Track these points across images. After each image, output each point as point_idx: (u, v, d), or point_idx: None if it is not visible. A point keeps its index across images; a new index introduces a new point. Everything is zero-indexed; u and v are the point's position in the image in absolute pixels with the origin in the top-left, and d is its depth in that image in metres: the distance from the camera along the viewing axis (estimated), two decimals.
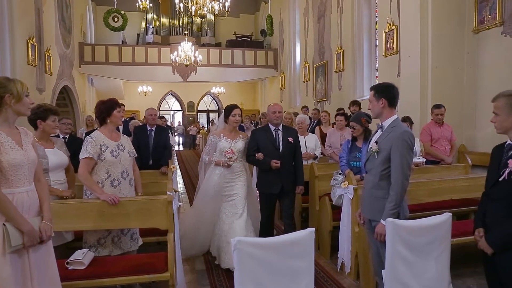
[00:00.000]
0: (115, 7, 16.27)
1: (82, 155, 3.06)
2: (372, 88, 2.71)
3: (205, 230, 4.06)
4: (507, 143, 2.14)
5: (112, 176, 3.15)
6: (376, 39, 9.50)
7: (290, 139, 3.94)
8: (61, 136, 4.58)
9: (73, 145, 4.06)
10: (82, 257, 2.77)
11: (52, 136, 3.42)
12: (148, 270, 2.87)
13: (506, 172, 2.04)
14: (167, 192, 3.16)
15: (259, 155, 3.81)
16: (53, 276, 2.15)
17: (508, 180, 2.03)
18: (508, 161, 2.04)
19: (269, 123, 4.06)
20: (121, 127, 6.45)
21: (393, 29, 7.77)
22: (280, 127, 4.00)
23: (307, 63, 13.49)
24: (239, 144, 3.99)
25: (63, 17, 12.47)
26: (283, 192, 3.93)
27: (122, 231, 3.23)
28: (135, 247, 3.32)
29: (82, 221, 2.94)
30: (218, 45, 19.96)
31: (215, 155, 3.99)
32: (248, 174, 4.19)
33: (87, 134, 4.76)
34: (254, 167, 4.92)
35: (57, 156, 3.23)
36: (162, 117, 10.51)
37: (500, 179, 2.07)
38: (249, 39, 19.88)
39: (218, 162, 3.93)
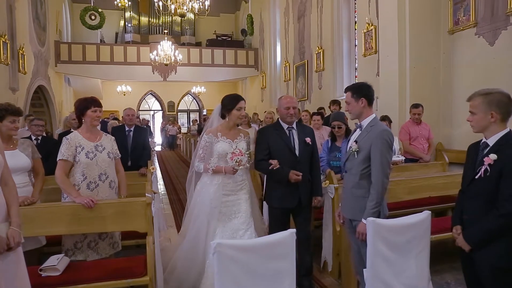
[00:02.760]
0: (92, 4, 15.93)
1: (58, 157, 3.00)
2: (348, 89, 2.68)
3: (201, 264, 3.08)
4: (482, 141, 2.17)
5: (88, 178, 3.05)
6: (355, 39, 9.62)
7: (308, 139, 3.23)
8: (33, 138, 4.43)
9: (46, 147, 3.92)
10: (56, 263, 2.66)
11: (23, 138, 3.27)
12: (126, 274, 2.78)
13: (482, 169, 2.06)
14: (146, 194, 3.08)
15: (275, 163, 3.03)
16: (23, 285, 2.05)
17: (484, 178, 2.05)
18: (484, 159, 2.06)
19: (280, 120, 3.31)
20: (99, 128, 6.29)
21: (372, 30, 7.88)
22: (295, 125, 3.27)
23: (288, 62, 13.53)
24: (242, 145, 3.17)
25: (37, 14, 12.10)
26: (300, 206, 3.23)
27: (100, 236, 3.14)
28: (112, 253, 3.23)
29: (56, 226, 2.83)
30: (198, 44, 19.83)
31: (211, 161, 3.10)
32: (250, 182, 3.36)
33: (61, 135, 4.63)
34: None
35: (15, 158, 3.01)
36: (137, 117, 10.38)
37: (476, 177, 2.10)
38: (230, 39, 19.84)
39: (219, 169, 3.04)
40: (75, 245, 3.06)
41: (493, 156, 2.02)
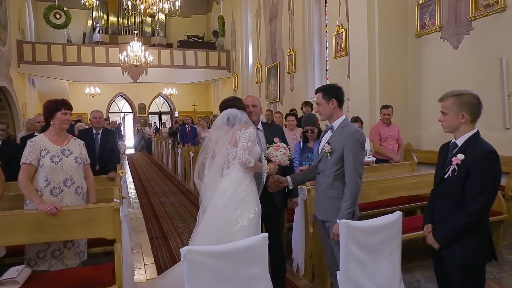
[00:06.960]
0: (56, 3, 15.35)
1: (21, 161, 2.88)
2: (319, 90, 2.67)
3: None
4: (452, 141, 2.21)
5: (52, 184, 2.92)
6: (326, 41, 9.74)
7: (276, 139, 2.95)
8: None
9: (7, 152, 3.71)
10: (16, 275, 2.50)
11: None
12: (93, 284, 2.66)
13: (450, 169, 2.10)
14: (114, 199, 2.96)
15: None
16: None
17: (452, 177, 2.09)
18: (452, 159, 2.10)
19: None
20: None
21: (342, 32, 8.00)
22: (260, 125, 3.06)
23: (260, 64, 13.56)
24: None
25: None
26: (274, 211, 3.02)
27: (65, 245, 2.99)
28: (78, 263, 3.08)
29: (17, 235, 2.67)
30: (169, 45, 19.55)
31: (264, 162, 2.70)
32: None
33: (24, 138, 4.41)
34: None
35: None
36: (106, 119, 10.10)
37: (445, 176, 2.14)
38: (201, 40, 19.68)
39: (275, 165, 2.68)
40: (38, 255, 2.91)
41: (460, 156, 2.06)
